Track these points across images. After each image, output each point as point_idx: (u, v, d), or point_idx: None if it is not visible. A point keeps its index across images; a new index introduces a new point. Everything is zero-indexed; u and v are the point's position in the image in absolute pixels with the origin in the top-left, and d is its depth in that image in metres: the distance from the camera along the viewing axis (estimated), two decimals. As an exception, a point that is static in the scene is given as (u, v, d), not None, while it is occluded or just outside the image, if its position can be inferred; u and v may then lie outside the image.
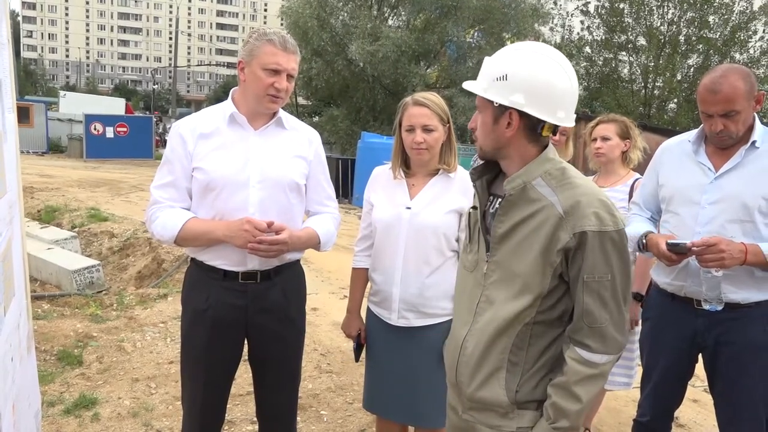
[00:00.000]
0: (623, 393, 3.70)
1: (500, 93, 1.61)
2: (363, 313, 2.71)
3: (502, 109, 1.62)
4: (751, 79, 2.27)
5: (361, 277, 2.67)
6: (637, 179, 3.25)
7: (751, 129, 2.33)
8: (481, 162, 1.82)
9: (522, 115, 1.61)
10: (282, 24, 22.32)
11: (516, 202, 1.66)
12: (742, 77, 2.24)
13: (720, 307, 2.34)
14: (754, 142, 2.31)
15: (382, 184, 2.58)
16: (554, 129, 1.66)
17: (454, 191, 2.46)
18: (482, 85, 1.66)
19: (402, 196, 2.49)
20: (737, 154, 2.33)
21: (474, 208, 1.83)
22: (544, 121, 1.63)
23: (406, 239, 2.43)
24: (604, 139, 3.29)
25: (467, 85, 1.71)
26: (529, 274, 1.63)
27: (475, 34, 20.55)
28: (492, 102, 1.63)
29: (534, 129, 1.64)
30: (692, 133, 2.50)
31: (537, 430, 1.65)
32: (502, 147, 1.68)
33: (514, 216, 1.66)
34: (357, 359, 2.72)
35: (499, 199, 1.75)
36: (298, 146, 2.43)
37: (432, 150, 2.43)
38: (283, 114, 2.42)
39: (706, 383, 2.57)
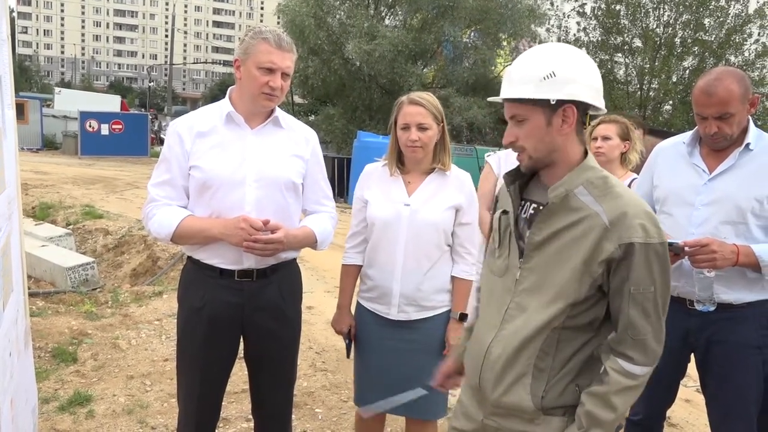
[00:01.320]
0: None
1: (554, 90, 1.58)
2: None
3: (556, 106, 1.60)
4: (746, 82, 2.29)
5: (352, 274, 2.70)
6: (633, 180, 3.27)
7: (745, 131, 2.35)
8: (515, 166, 1.78)
9: (576, 107, 1.61)
10: (278, 22, 22.30)
11: (557, 210, 1.64)
12: (737, 80, 2.26)
13: (712, 308, 2.36)
14: (747, 145, 2.33)
15: (376, 181, 2.61)
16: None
17: (451, 188, 2.53)
18: (528, 89, 1.60)
19: (399, 194, 2.53)
20: (731, 156, 2.36)
21: (504, 212, 1.80)
22: (587, 112, 1.64)
23: (406, 236, 2.49)
24: (605, 138, 3.32)
25: (510, 94, 1.64)
26: (565, 283, 1.61)
27: (472, 34, 20.55)
28: (543, 104, 1.60)
29: (581, 123, 1.64)
30: (687, 135, 2.52)
31: None
32: (555, 150, 1.65)
33: (554, 224, 1.64)
34: (348, 355, 2.76)
35: (533, 205, 1.73)
36: (295, 145, 2.44)
37: (426, 148, 2.49)
38: (280, 113, 2.43)
39: (698, 383, 2.59)
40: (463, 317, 2.56)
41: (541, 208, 1.70)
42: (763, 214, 2.30)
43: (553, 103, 1.59)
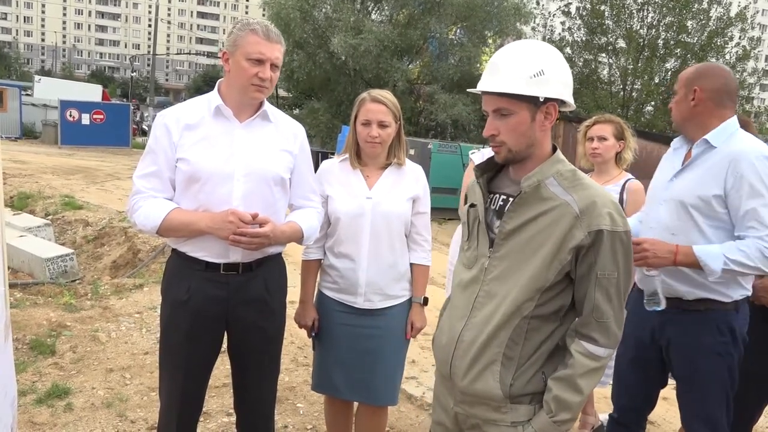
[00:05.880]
0: (598, 390, 3.76)
1: (542, 88, 1.65)
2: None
3: (541, 104, 1.67)
4: None
5: (314, 269, 2.80)
6: (628, 179, 3.29)
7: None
8: (485, 159, 1.85)
9: (558, 105, 1.70)
10: (264, 15, 22.13)
11: (528, 200, 1.71)
12: None
13: (659, 308, 2.33)
14: (709, 142, 2.31)
15: (335, 176, 2.72)
16: None
17: (408, 180, 2.69)
18: (519, 85, 1.64)
19: (360, 187, 2.65)
20: (694, 154, 2.35)
21: (473, 205, 1.85)
22: (561, 110, 1.73)
23: (371, 227, 2.61)
24: (601, 138, 3.32)
25: (499, 88, 1.66)
26: (536, 269, 1.67)
27: (458, 31, 20.56)
28: (530, 100, 1.65)
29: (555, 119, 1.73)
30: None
31: (536, 423, 1.68)
32: (533, 144, 1.72)
33: (525, 213, 1.71)
34: (314, 348, 2.83)
35: (502, 196, 1.78)
36: (284, 140, 2.43)
37: (384, 144, 2.62)
38: (268, 107, 2.41)
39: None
40: (426, 301, 2.73)
41: (511, 199, 1.76)
42: (712, 213, 2.25)
43: (541, 100, 1.66)
